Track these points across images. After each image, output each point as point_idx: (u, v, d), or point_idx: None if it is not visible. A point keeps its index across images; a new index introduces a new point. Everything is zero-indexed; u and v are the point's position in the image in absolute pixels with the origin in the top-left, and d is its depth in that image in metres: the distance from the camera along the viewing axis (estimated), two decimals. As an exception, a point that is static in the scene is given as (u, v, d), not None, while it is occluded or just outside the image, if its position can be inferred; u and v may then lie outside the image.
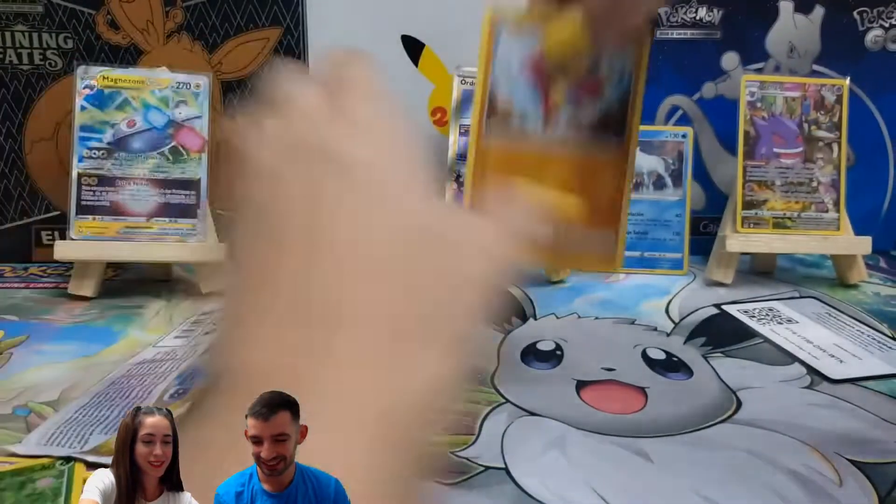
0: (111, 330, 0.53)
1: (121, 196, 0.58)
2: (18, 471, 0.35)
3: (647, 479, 0.37)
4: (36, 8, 0.62)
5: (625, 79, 0.36)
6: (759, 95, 0.64)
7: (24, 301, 0.58)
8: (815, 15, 0.69)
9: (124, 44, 0.64)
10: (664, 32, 0.68)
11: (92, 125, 0.58)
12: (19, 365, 0.47)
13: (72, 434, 0.38)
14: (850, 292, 0.64)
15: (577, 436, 0.40)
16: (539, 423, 0.41)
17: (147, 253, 0.58)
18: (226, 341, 0.26)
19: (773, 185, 0.64)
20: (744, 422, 0.42)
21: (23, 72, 0.63)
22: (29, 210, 0.66)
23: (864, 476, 0.37)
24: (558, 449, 0.39)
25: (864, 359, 0.50)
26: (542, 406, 0.43)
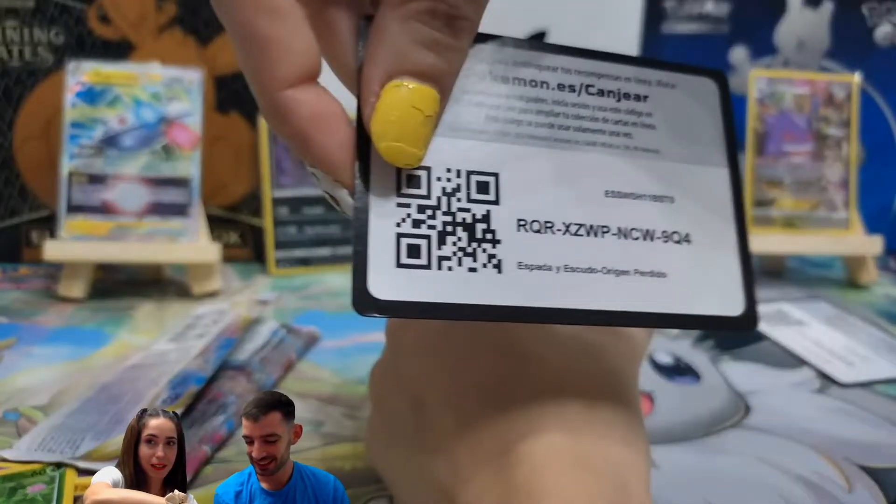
0: (102, 332, 0.52)
1: (112, 194, 0.57)
2: (9, 476, 0.34)
3: (654, 485, 0.35)
4: (27, 3, 0.61)
5: None
6: (768, 91, 0.63)
7: (13, 302, 0.57)
8: (823, 10, 0.68)
9: (116, 38, 0.63)
10: (671, 26, 0.67)
11: (82, 122, 0.57)
12: (8, 368, 0.46)
13: (63, 439, 0.37)
14: (861, 294, 0.63)
15: (582, 443, 0.39)
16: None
17: (137, 254, 0.57)
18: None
19: (782, 184, 0.63)
20: (753, 427, 0.41)
21: (13, 68, 0.62)
22: (18, 209, 0.65)
23: (874, 482, 0.36)
24: (563, 457, 0.38)
25: (874, 362, 0.49)
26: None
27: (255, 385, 0.43)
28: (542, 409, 0.24)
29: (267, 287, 0.62)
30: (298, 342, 0.49)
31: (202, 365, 0.43)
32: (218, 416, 0.39)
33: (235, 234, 0.68)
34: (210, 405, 0.40)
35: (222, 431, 0.38)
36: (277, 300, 0.57)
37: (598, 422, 0.24)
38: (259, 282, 0.63)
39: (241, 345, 0.48)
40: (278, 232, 0.65)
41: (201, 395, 0.41)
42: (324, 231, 0.65)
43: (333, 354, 0.49)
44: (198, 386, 0.41)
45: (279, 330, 0.50)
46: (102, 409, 0.40)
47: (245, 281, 0.63)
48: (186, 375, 0.42)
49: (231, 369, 0.44)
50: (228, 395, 0.41)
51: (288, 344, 0.48)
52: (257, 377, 0.44)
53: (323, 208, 0.65)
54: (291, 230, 0.65)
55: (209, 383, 0.42)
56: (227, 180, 0.67)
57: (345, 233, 0.66)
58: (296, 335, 0.50)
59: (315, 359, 0.48)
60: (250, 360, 0.46)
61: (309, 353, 0.49)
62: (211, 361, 0.43)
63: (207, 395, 0.41)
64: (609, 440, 0.24)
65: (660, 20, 0.67)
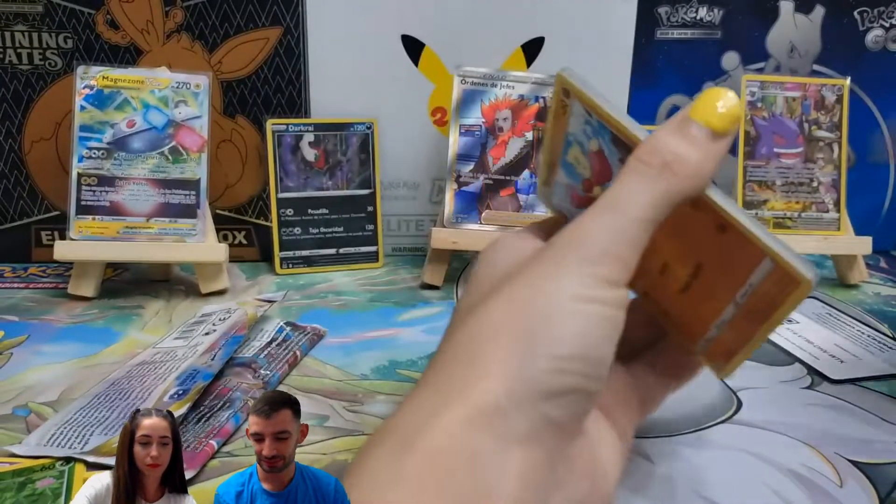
0: (111, 330, 0.53)
1: (120, 196, 0.58)
2: (18, 471, 0.35)
3: (648, 479, 0.36)
4: (36, 8, 0.62)
5: None
6: (760, 95, 0.64)
7: (23, 301, 0.58)
8: (815, 15, 0.69)
9: (124, 43, 0.64)
10: (665, 32, 0.68)
11: (91, 125, 0.58)
12: (19, 365, 0.47)
13: (72, 435, 0.38)
14: (851, 292, 0.64)
15: (577, 436, 0.40)
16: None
17: (146, 253, 0.58)
18: None
19: (773, 186, 0.64)
20: (744, 422, 0.42)
21: (22, 72, 0.63)
22: (29, 210, 0.66)
23: (865, 476, 0.37)
24: (558, 449, 0.38)
25: (864, 359, 0.50)
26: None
27: (261, 381, 0.44)
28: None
29: (273, 286, 0.63)
30: (303, 339, 0.50)
31: (209, 361, 0.44)
32: (225, 410, 0.40)
33: (242, 234, 0.69)
34: (217, 400, 0.41)
35: (229, 426, 0.39)
36: (283, 299, 0.57)
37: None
38: (265, 281, 0.64)
39: (248, 342, 0.49)
40: (284, 232, 0.66)
41: (208, 390, 0.42)
42: (327, 231, 0.66)
43: (337, 351, 0.50)
44: (205, 382, 0.41)
45: (284, 327, 0.51)
46: (111, 405, 0.41)
47: (251, 280, 0.64)
48: (194, 371, 0.42)
49: (238, 365, 0.45)
50: (235, 390, 0.42)
51: (293, 341, 0.49)
52: (263, 373, 0.44)
53: (327, 209, 0.67)
54: (296, 231, 0.66)
55: (216, 379, 0.43)
56: (234, 182, 0.68)
57: (348, 234, 0.67)
58: (301, 332, 0.51)
59: (319, 355, 0.49)
60: (256, 356, 0.47)
61: (313, 350, 0.50)
62: (218, 358, 0.44)
63: (214, 391, 0.42)
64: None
65: (653, 26, 0.68)
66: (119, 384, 0.43)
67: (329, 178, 0.66)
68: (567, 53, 0.67)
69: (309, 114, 0.67)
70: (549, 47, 0.67)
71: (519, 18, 0.66)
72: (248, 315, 0.50)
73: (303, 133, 0.66)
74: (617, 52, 0.67)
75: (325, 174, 0.66)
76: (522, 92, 0.63)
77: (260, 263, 0.69)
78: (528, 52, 0.67)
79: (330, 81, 0.66)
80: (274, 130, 0.65)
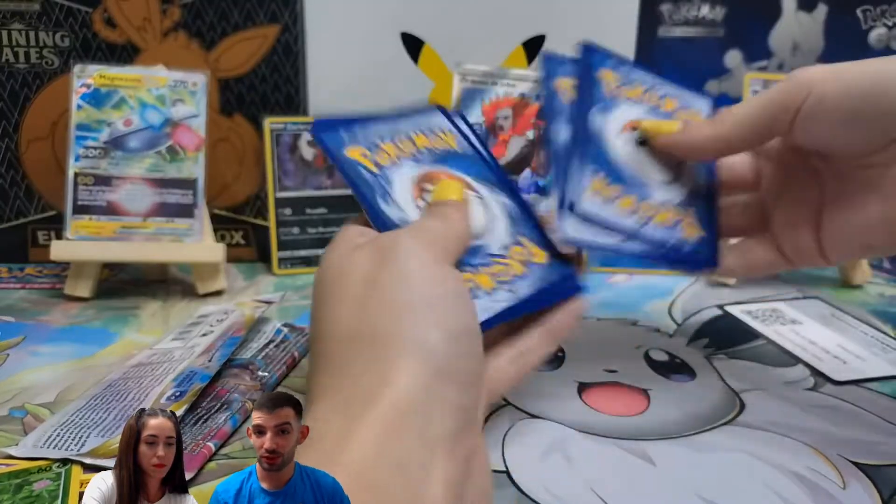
0: (107, 331, 0.53)
1: (117, 195, 0.58)
2: (15, 473, 0.35)
3: (649, 481, 0.36)
4: (32, 6, 0.62)
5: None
6: (763, 94, 0.63)
7: (20, 301, 0.58)
8: (818, 13, 0.68)
9: (121, 42, 0.63)
10: (667, 30, 0.68)
11: (88, 124, 0.58)
12: (15, 366, 0.47)
13: (69, 436, 0.37)
14: (855, 293, 0.63)
15: (578, 438, 0.40)
16: (540, 425, 0.41)
17: (143, 253, 0.58)
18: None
19: (776, 185, 0.63)
20: (747, 424, 0.41)
21: (19, 70, 0.63)
22: (25, 210, 0.66)
23: (868, 479, 0.36)
24: (560, 452, 0.38)
25: (868, 360, 0.50)
26: (543, 408, 0.42)
27: (259, 382, 0.43)
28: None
29: (271, 286, 0.63)
30: (301, 340, 0.50)
31: (207, 363, 0.43)
32: (222, 412, 0.40)
33: (239, 234, 0.69)
34: (215, 402, 0.41)
35: (227, 427, 0.38)
36: (281, 299, 0.57)
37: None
38: (263, 281, 0.64)
39: (246, 343, 0.48)
40: (282, 232, 0.65)
41: (206, 392, 0.41)
42: (326, 231, 0.66)
43: (335, 352, 0.49)
44: (202, 383, 0.41)
45: (282, 329, 0.51)
46: (108, 407, 0.40)
47: (249, 280, 0.64)
48: (191, 373, 0.42)
49: (235, 367, 0.45)
50: (233, 392, 0.42)
51: (291, 342, 0.49)
52: (261, 374, 0.44)
53: (325, 209, 0.66)
54: (294, 230, 0.66)
55: (214, 381, 0.42)
56: (231, 181, 0.67)
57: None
58: (299, 334, 0.50)
59: (317, 357, 0.49)
60: (254, 357, 0.46)
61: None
62: (215, 359, 0.44)
63: (212, 392, 0.42)
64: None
65: (656, 24, 0.67)
66: (116, 386, 0.43)
67: (328, 177, 0.66)
68: (569, 51, 0.66)
69: (307, 112, 0.67)
70: (550, 45, 0.67)
71: (520, 16, 0.66)
72: (245, 316, 0.50)
73: (301, 132, 0.65)
74: (619, 50, 0.67)
75: (323, 173, 0.66)
76: (523, 90, 0.62)
77: (258, 264, 0.68)
78: (530, 49, 0.67)
79: (329, 80, 0.66)
80: (272, 129, 0.64)
